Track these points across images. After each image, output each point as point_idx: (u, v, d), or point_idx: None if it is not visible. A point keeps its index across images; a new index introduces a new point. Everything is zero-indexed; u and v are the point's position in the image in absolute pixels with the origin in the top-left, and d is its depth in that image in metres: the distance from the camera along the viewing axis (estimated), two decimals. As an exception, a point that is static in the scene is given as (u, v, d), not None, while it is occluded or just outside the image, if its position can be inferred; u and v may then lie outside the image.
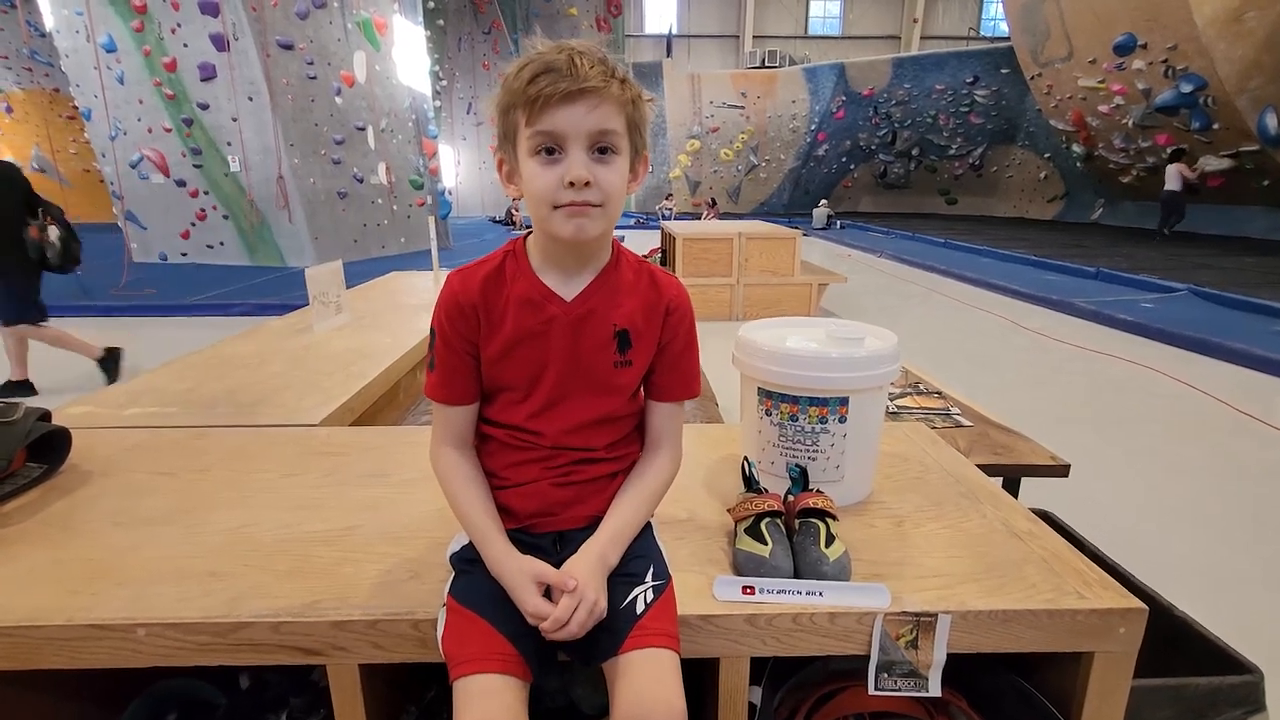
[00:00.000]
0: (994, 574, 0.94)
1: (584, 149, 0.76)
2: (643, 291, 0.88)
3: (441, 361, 0.86)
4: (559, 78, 0.74)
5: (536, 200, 0.79)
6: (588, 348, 0.86)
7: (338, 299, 2.56)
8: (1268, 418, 3.40)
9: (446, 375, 0.87)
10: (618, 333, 0.86)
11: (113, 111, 8.31)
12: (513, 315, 0.84)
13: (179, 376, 1.88)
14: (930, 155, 17.78)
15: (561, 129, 0.75)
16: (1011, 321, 5.80)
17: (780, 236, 5.95)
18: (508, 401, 0.88)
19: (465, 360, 0.86)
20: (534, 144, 0.77)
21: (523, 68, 0.76)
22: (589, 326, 0.85)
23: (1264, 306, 5.59)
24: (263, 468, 1.28)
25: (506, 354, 0.85)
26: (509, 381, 0.87)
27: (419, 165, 10.82)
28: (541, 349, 0.85)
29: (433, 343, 0.87)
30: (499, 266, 0.87)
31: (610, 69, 0.77)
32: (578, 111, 0.75)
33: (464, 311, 0.84)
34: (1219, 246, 9.81)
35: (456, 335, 0.85)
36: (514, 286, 0.85)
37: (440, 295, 0.87)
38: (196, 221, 8.87)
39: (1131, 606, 0.86)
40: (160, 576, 0.93)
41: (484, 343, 0.85)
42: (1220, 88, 9.71)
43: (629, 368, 0.87)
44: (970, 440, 2.02)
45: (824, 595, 0.87)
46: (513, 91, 0.76)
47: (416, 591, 0.90)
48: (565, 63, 0.74)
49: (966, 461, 1.31)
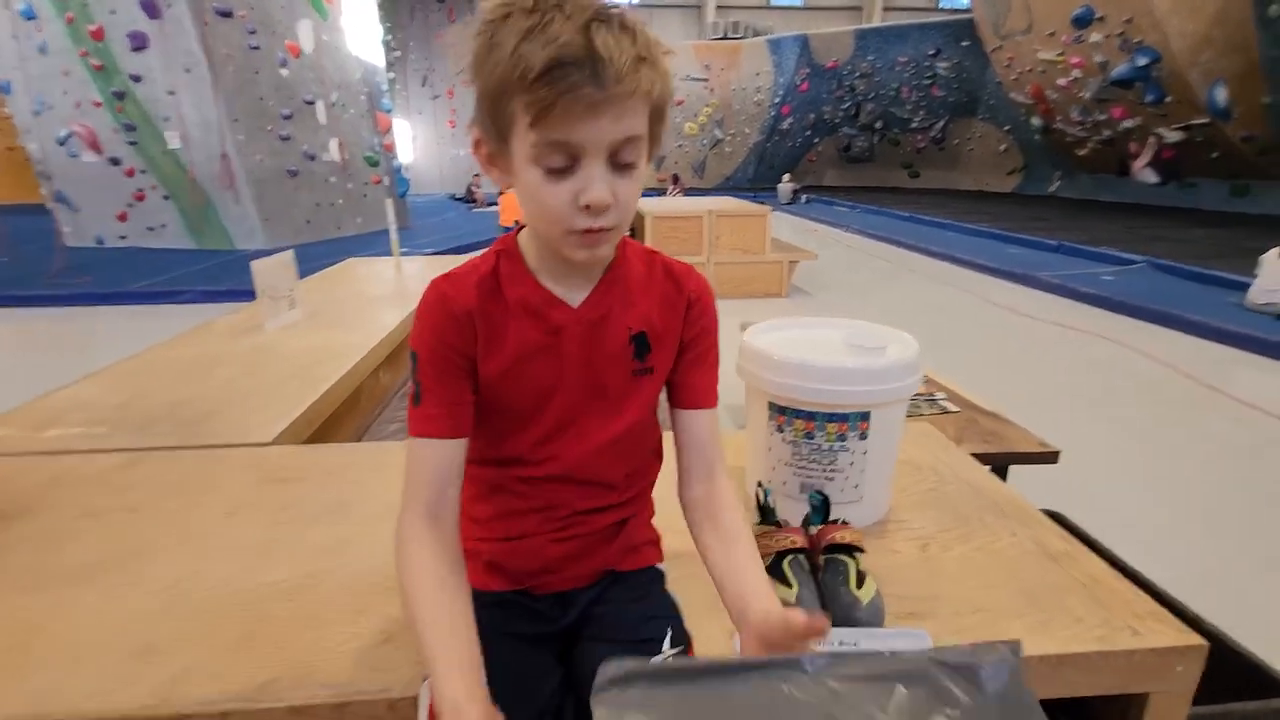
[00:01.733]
0: (1036, 608, 0.86)
1: (603, 160, 0.61)
2: (658, 286, 0.75)
3: (434, 387, 0.69)
4: (582, 79, 0.56)
5: (542, 219, 0.65)
6: (602, 357, 0.72)
7: (290, 293, 2.36)
8: (1230, 390, 3.46)
9: (443, 402, 0.69)
10: (634, 336, 0.72)
11: (35, 84, 7.71)
12: (514, 326, 0.70)
13: (111, 388, 1.68)
14: (893, 128, 17.81)
15: (579, 142, 0.59)
16: (978, 296, 5.83)
17: (751, 213, 5.85)
18: (507, 429, 0.73)
19: (463, 381, 0.70)
20: (540, 154, 0.60)
21: (523, 40, 0.56)
22: (603, 333, 0.72)
23: (1218, 278, 5.72)
24: (206, 502, 1.13)
25: (509, 373, 0.70)
26: (511, 405, 0.72)
27: (373, 142, 10.37)
28: (550, 364, 0.71)
29: (416, 369, 0.70)
30: (493, 269, 0.71)
31: (642, 49, 0.59)
32: (602, 124, 0.59)
33: (459, 321, 0.69)
34: (1172, 218, 10.06)
35: (452, 351, 0.69)
36: (512, 292, 0.70)
37: (423, 308, 0.70)
38: (134, 202, 8.34)
39: (1190, 644, 0.79)
40: (79, 656, 0.78)
41: (483, 359, 0.70)
42: (1173, 61, 9.87)
43: (650, 376, 0.74)
44: (959, 428, 1.97)
45: (859, 645, 0.77)
46: (508, 74, 0.57)
47: (392, 660, 0.78)
48: (588, 54, 0.55)
49: (983, 469, 1.23)
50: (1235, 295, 5.03)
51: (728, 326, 0.87)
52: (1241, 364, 3.96)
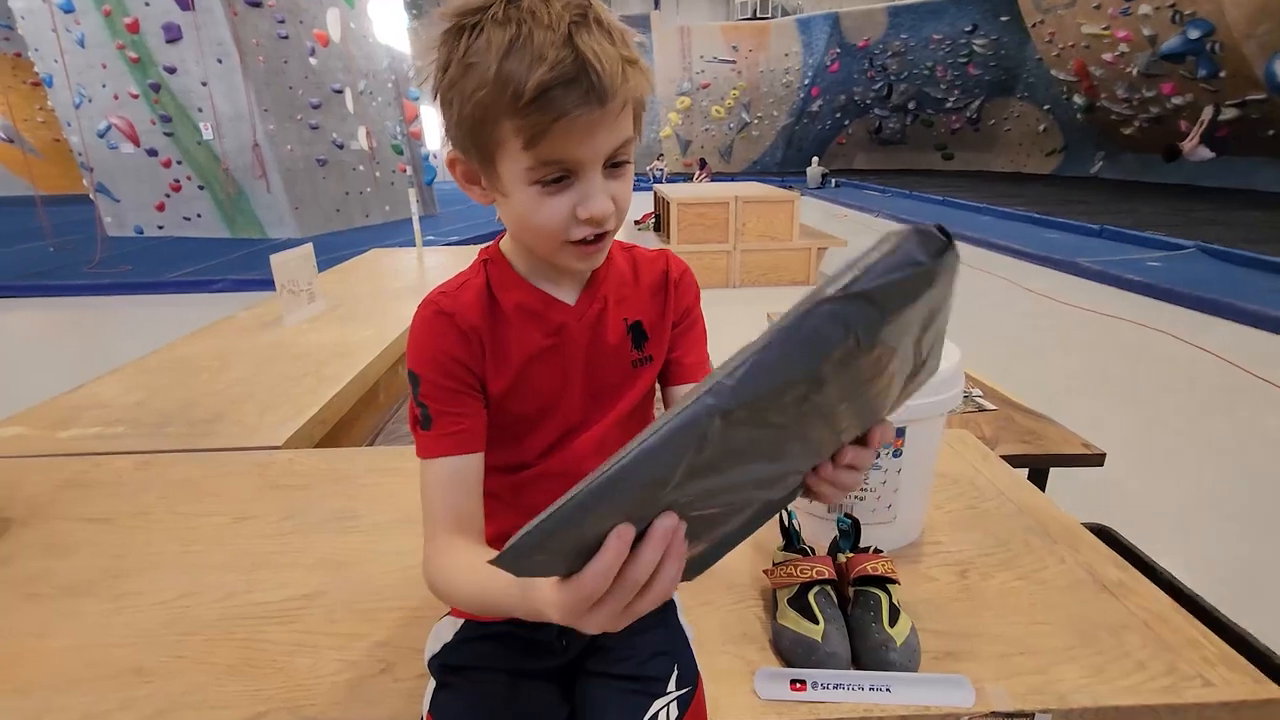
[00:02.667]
0: (1091, 648, 0.78)
1: (600, 169, 0.59)
2: (641, 274, 0.74)
3: (442, 408, 0.65)
4: (578, 99, 0.53)
5: (539, 235, 0.61)
6: (604, 352, 0.70)
7: (309, 286, 2.34)
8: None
9: (453, 422, 0.65)
10: (631, 326, 0.72)
11: (75, 77, 7.86)
12: (516, 334, 0.67)
13: (129, 386, 1.68)
14: (926, 109, 17.30)
15: (577, 159, 0.57)
16: (1014, 283, 5.63)
17: (778, 199, 5.71)
18: (512, 438, 0.70)
19: (475, 397, 0.66)
20: (536, 173, 0.57)
21: (504, 59, 0.52)
22: (602, 328, 0.70)
23: (1274, 264, 5.42)
24: (213, 509, 1.10)
25: (516, 382, 0.67)
26: (518, 414, 0.69)
27: (399, 129, 10.39)
28: (555, 367, 0.69)
29: (418, 391, 0.65)
30: (485, 280, 0.68)
31: (623, 48, 0.56)
32: (599, 138, 0.56)
33: (466, 338, 0.65)
34: (1224, 200, 9.59)
35: (460, 369, 0.65)
36: (507, 299, 0.67)
37: (423, 328, 0.66)
38: (171, 193, 8.50)
39: (1270, 697, 0.70)
40: (71, 676, 0.76)
41: (491, 376, 0.67)
42: (1228, 33, 9.36)
43: (649, 364, 0.73)
44: (996, 427, 1.87)
45: (892, 691, 0.71)
46: (494, 99, 0.54)
47: (389, 693, 0.74)
48: (579, 69, 0.52)
49: (1025, 482, 1.14)
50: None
51: (754, 316, 0.81)
52: (1301, 356, 3.75)
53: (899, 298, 0.36)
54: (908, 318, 0.38)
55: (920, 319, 0.40)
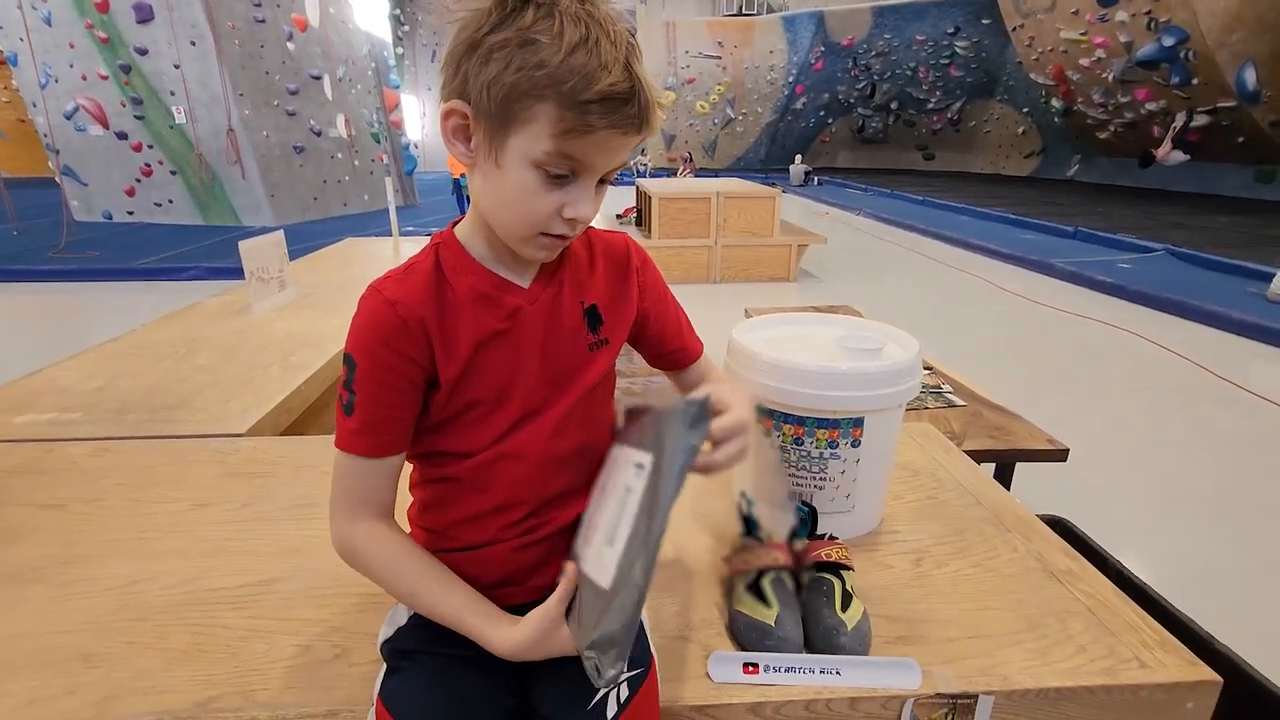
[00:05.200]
0: (1036, 633, 0.80)
1: (595, 180, 0.63)
2: (598, 256, 0.75)
3: (369, 401, 0.64)
4: (629, 118, 0.58)
5: (518, 219, 0.63)
6: (560, 336, 0.70)
7: (280, 274, 2.31)
8: (1250, 385, 3.35)
9: (376, 418, 0.65)
10: (587, 310, 0.72)
11: (41, 56, 7.65)
12: (468, 318, 0.66)
13: (90, 372, 1.64)
14: (909, 109, 17.45)
15: (592, 164, 0.61)
16: (991, 283, 5.71)
17: (759, 195, 5.73)
18: (468, 426, 0.69)
19: (406, 397, 0.65)
20: (548, 161, 0.59)
21: (573, 52, 0.55)
22: (558, 311, 0.70)
23: (1239, 267, 5.56)
24: (170, 495, 1.08)
25: (468, 368, 0.66)
26: (473, 401, 0.68)
27: (375, 118, 10.24)
28: (509, 351, 0.68)
29: (352, 377, 0.65)
30: (435, 264, 0.67)
31: (656, 95, 0.61)
32: (620, 155, 0.62)
33: (409, 330, 0.64)
34: (1193, 204, 9.81)
35: (400, 361, 0.64)
36: (460, 283, 0.67)
37: (366, 317, 0.64)
38: (141, 177, 8.31)
39: (1203, 679, 0.72)
40: (15, 663, 0.74)
41: (442, 364, 0.65)
42: (1201, 41, 9.55)
43: (605, 348, 0.73)
44: (964, 422, 1.90)
45: (842, 674, 0.72)
46: (550, 81, 0.56)
47: (342, 677, 0.73)
48: (633, 93, 0.58)
49: (985, 475, 1.17)
50: (1257, 285, 4.89)
51: (733, 310, 0.83)
52: (1261, 357, 3.85)
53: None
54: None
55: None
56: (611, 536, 0.60)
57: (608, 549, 0.60)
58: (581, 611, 0.62)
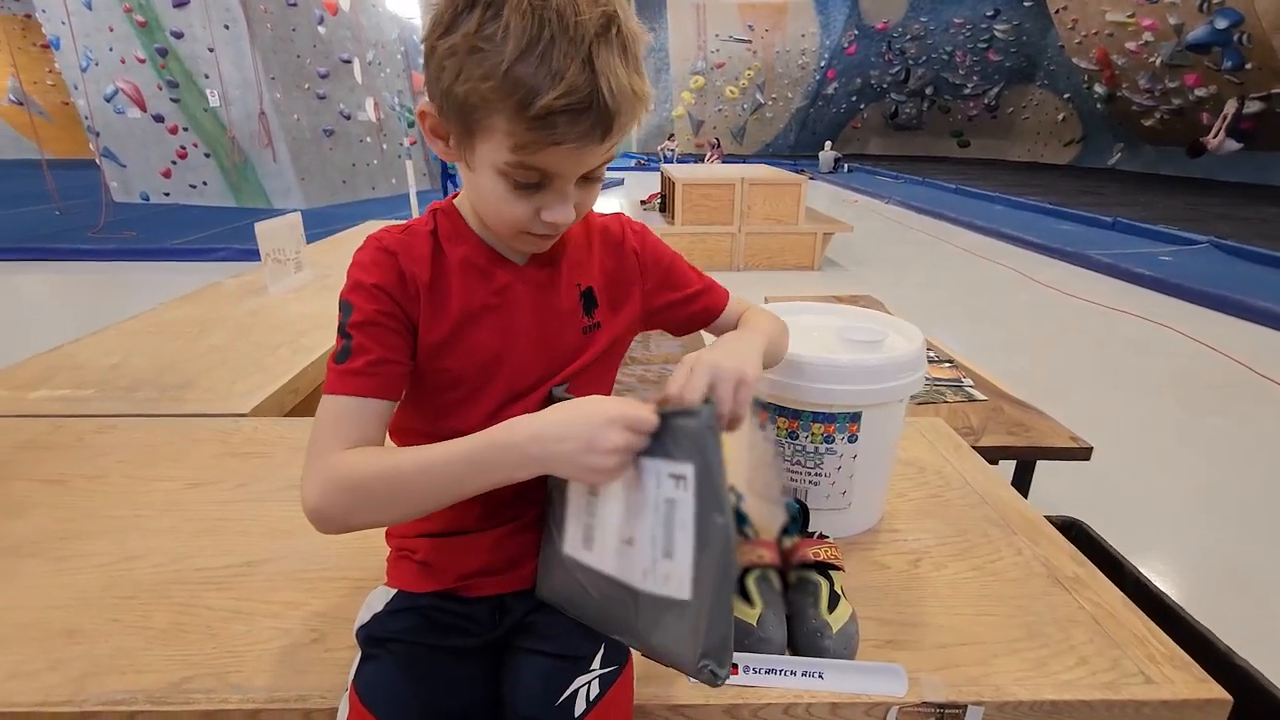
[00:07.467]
0: (1036, 641, 0.76)
1: (573, 181, 0.60)
2: (596, 237, 0.73)
3: (367, 344, 0.61)
4: (584, 129, 0.53)
5: (497, 221, 0.62)
6: (554, 318, 0.69)
7: (296, 255, 2.32)
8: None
9: (374, 358, 0.61)
10: (583, 293, 0.70)
11: (82, 40, 7.81)
12: (458, 287, 0.65)
13: (106, 349, 1.67)
14: (944, 95, 16.98)
15: (559, 171, 0.58)
16: (1023, 274, 5.55)
17: (784, 182, 5.63)
18: (454, 403, 0.67)
19: (401, 339, 0.63)
20: (511, 173, 0.57)
21: (518, 60, 0.51)
22: (552, 291, 0.69)
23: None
24: (169, 474, 1.09)
25: (452, 337, 0.65)
26: (458, 375, 0.67)
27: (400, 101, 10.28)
28: (497, 327, 0.67)
29: (347, 321, 0.62)
30: (433, 230, 0.67)
31: (634, 68, 0.55)
32: (586, 161, 0.58)
33: (404, 282, 0.63)
34: (1242, 195, 9.40)
35: (394, 306, 0.63)
36: (454, 251, 0.66)
37: (365, 262, 0.64)
38: (177, 160, 8.47)
39: (1211, 697, 0.68)
40: (4, 635, 0.75)
41: (425, 325, 0.64)
42: (1257, 23, 9.10)
43: (599, 330, 0.72)
44: (984, 417, 1.85)
45: (824, 678, 0.69)
46: (496, 95, 0.52)
47: (317, 663, 0.73)
48: (592, 96, 0.52)
49: (996, 474, 1.12)
50: (1307, 280, 4.68)
51: (754, 299, 0.81)
52: (1308, 357, 3.68)
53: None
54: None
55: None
56: (669, 549, 0.59)
57: (666, 561, 0.59)
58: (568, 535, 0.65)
